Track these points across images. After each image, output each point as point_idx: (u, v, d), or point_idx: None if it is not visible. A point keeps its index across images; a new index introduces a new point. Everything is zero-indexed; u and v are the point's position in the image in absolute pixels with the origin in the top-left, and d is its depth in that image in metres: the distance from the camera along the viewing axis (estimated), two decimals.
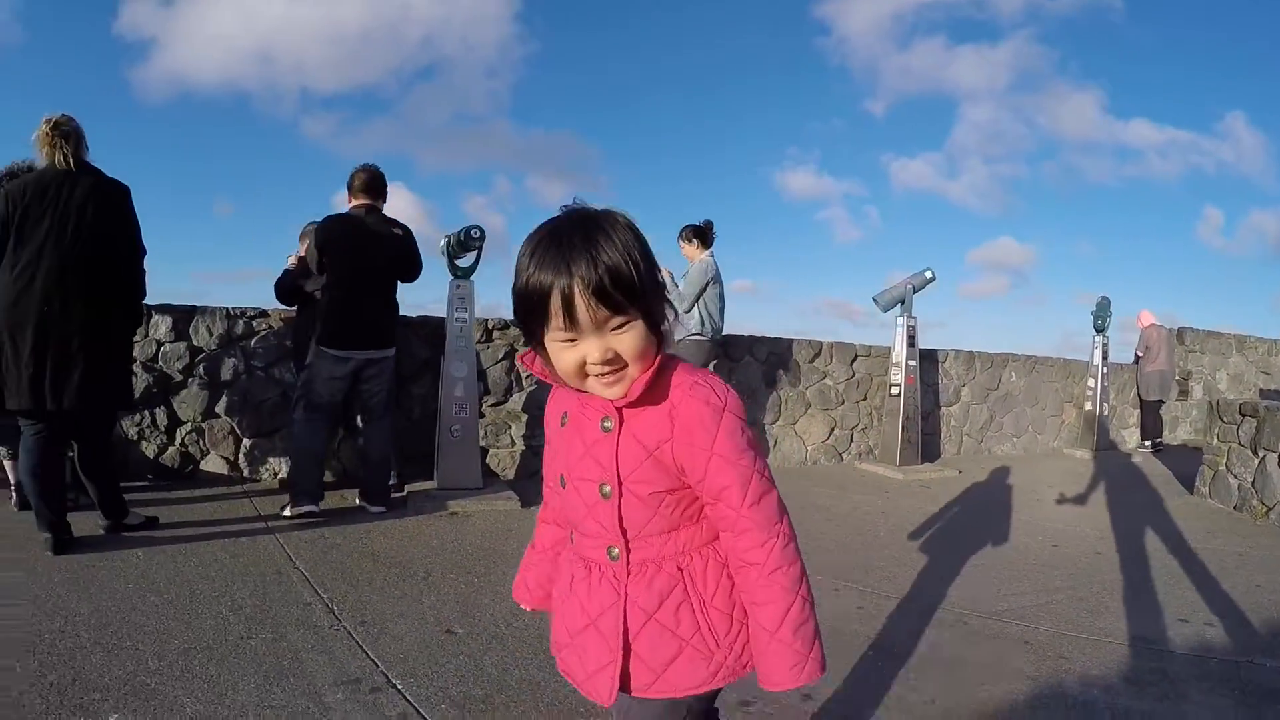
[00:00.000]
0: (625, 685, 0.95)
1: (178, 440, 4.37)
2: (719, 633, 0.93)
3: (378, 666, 2.14)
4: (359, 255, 3.78)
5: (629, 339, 0.84)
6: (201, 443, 4.37)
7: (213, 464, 4.40)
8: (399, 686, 2.03)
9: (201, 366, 4.36)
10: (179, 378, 4.31)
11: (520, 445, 4.91)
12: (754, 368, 5.62)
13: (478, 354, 4.67)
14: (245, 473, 4.46)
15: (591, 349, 0.84)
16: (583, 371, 0.86)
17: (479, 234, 4.29)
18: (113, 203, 3.12)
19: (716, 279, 4.89)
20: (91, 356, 3.00)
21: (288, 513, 3.66)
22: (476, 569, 3.08)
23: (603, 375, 0.86)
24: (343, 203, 3.96)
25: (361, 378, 3.85)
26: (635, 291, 0.83)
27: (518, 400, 4.93)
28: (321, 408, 3.81)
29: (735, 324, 5.40)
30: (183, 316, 4.34)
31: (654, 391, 0.89)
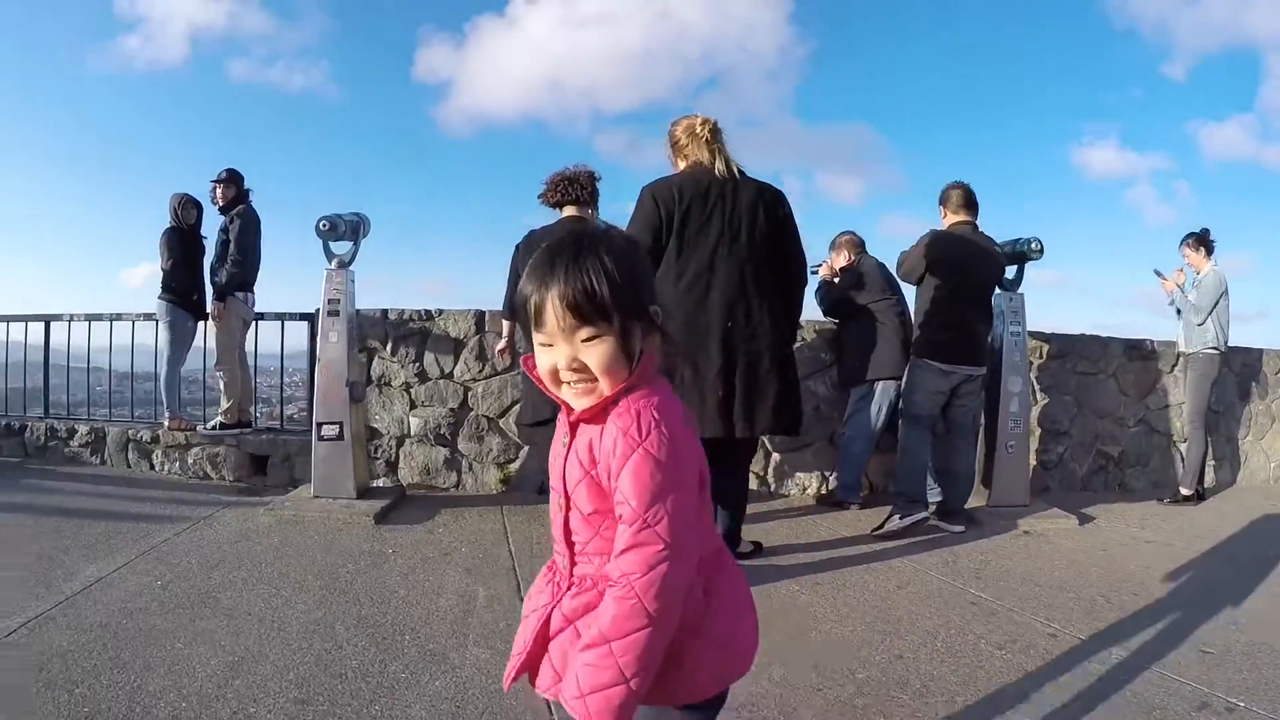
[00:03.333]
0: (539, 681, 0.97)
1: None
2: None
3: (1211, 690, 2.04)
4: (968, 272, 3.67)
5: (597, 353, 0.88)
6: None
7: None
8: (1246, 707, 1.94)
9: None
10: None
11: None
12: (1229, 380, 5.15)
13: None
14: (772, 487, 4.22)
15: (560, 354, 0.89)
16: (556, 378, 0.91)
17: (1038, 247, 3.97)
18: (779, 209, 2.84)
19: (1225, 290, 4.54)
20: (781, 375, 2.73)
21: (894, 524, 3.48)
22: (1144, 590, 2.90)
23: (575, 384, 0.90)
24: (623, 214, 3.73)
25: (958, 393, 3.72)
26: (605, 308, 0.86)
27: None
28: (924, 419, 3.69)
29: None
30: None
31: (601, 414, 0.90)
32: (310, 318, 4.58)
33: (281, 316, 4.69)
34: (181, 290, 4.49)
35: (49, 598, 2.48)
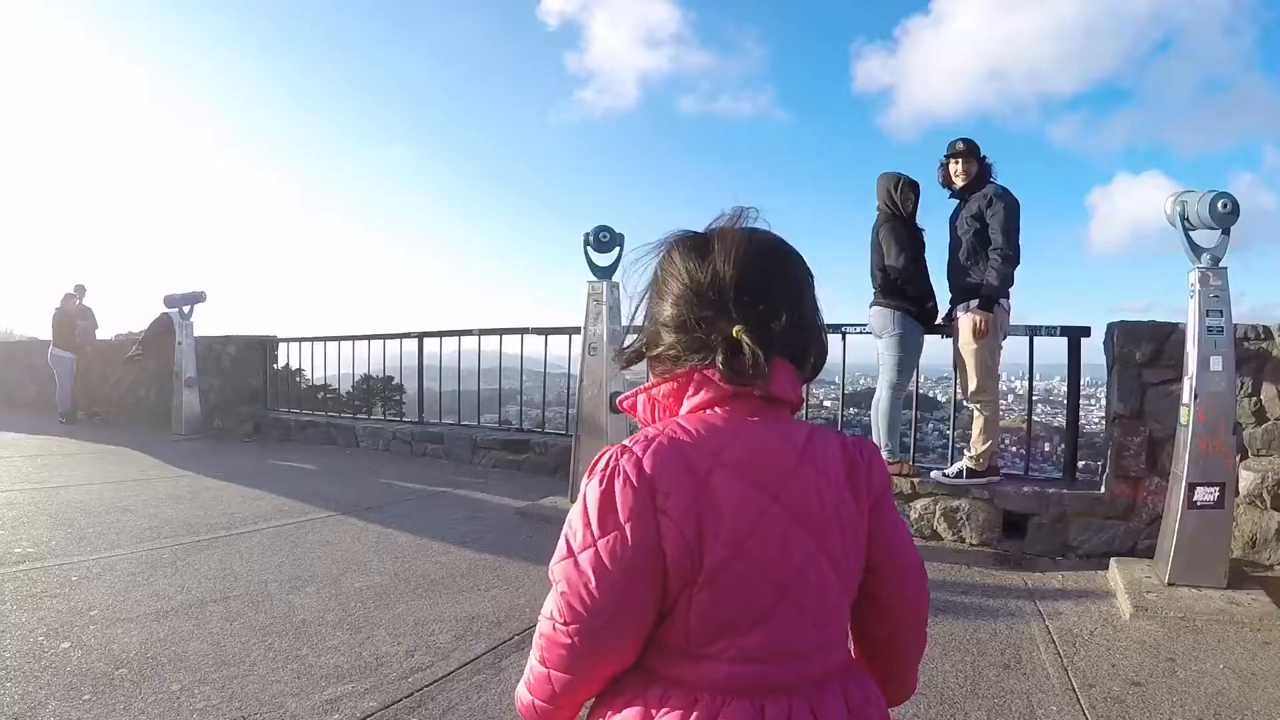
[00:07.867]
0: None
1: None
2: None
3: None
4: None
5: None
6: None
7: None
8: None
9: None
10: None
11: None
12: None
13: None
14: None
15: None
16: None
17: None
18: None
19: None
20: None
21: None
22: None
23: None
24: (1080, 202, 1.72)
25: None
26: None
27: None
28: None
29: None
30: None
31: None
32: (1072, 332, 3.51)
33: (1032, 330, 3.66)
34: (916, 295, 3.63)
35: None
